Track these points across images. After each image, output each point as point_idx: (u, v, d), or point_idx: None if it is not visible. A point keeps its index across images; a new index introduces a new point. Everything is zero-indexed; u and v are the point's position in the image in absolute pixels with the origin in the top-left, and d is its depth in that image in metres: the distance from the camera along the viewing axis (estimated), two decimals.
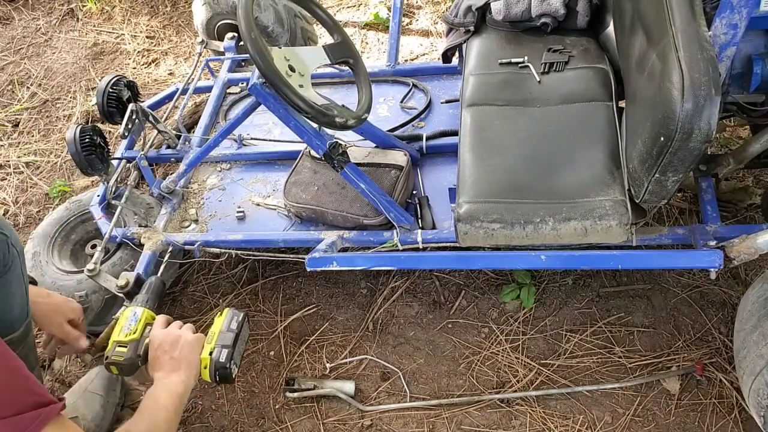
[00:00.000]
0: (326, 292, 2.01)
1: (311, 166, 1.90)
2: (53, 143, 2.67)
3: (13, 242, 1.44)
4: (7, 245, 1.42)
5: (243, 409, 1.79)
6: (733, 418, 1.61)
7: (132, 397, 1.82)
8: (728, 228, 1.60)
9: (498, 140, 1.65)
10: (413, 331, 1.89)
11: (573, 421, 1.65)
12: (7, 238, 1.42)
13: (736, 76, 1.52)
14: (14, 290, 1.45)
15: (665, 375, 1.69)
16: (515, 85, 1.78)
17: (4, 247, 1.41)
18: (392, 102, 2.20)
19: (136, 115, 1.98)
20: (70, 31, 3.25)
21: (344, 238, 1.79)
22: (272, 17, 2.41)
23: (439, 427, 1.69)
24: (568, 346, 1.79)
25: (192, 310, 2.02)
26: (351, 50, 1.78)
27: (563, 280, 1.94)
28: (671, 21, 1.26)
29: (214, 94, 2.31)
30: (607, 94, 1.70)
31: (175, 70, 2.92)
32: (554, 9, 1.82)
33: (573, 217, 1.46)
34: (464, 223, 1.51)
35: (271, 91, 1.56)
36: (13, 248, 1.44)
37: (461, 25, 1.97)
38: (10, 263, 1.43)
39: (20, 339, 1.47)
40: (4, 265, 1.42)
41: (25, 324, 1.49)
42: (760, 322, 1.38)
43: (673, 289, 1.87)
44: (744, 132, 2.16)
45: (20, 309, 1.48)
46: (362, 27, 2.98)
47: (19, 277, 1.47)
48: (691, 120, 1.17)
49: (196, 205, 2.03)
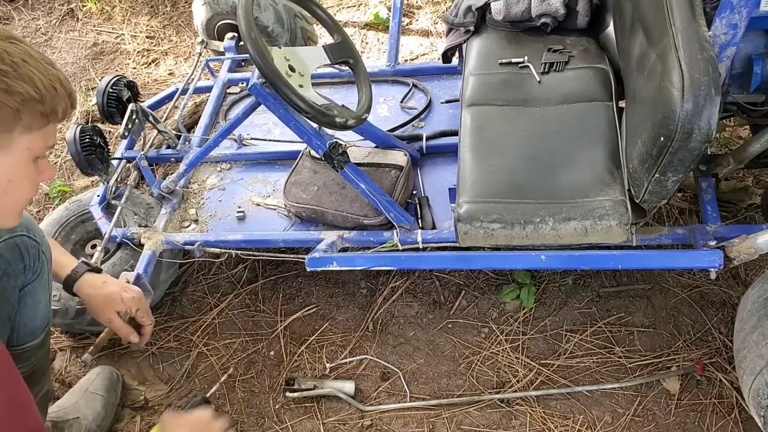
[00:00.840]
0: (326, 292, 2.01)
1: (311, 166, 1.90)
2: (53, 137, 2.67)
3: (43, 249, 1.40)
4: (38, 252, 1.38)
5: (243, 409, 1.79)
6: (733, 418, 1.61)
7: (132, 397, 1.82)
8: (728, 228, 1.60)
9: (498, 140, 1.65)
10: (413, 331, 1.89)
11: (573, 421, 1.65)
12: (39, 245, 1.38)
13: (736, 76, 1.52)
14: (40, 297, 1.42)
15: (665, 375, 1.69)
16: (515, 85, 1.78)
17: (35, 253, 1.37)
18: (392, 102, 2.20)
19: (136, 115, 1.98)
20: (70, 31, 3.25)
21: (344, 238, 1.79)
22: (272, 17, 2.41)
23: (439, 427, 1.69)
24: (568, 346, 1.79)
25: (192, 310, 2.02)
26: (351, 50, 1.78)
27: (563, 280, 1.94)
28: (671, 21, 1.26)
29: (214, 94, 2.31)
30: (607, 94, 1.70)
31: (175, 70, 2.92)
32: (554, 9, 1.82)
33: (573, 217, 1.46)
34: (464, 223, 1.51)
35: (271, 91, 1.56)
36: (44, 255, 1.41)
37: (461, 25, 1.97)
38: (39, 270, 1.40)
39: (39, 346, 1.45)
40: (34, 272, 1.38)
41: (45, 332, 1.46)
42: (760, 322, 1.38)
43: (673, 289, 1.87)
44: (744, 132, 2.16)
45: (43, 317, 1.44)
46: (362, 27, 2.98)
47: (45, 284, 1.43)
48: (691, 120, 1.17)
49: (196, 205, 2.03)
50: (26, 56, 1.00)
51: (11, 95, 0.98)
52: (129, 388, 1.85)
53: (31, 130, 1.04)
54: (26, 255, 1.34)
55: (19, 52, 1.00)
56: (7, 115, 0.99)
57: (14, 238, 1.32)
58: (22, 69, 0.99)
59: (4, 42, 0.99)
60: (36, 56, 1.02)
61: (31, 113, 1.02)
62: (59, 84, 1.05)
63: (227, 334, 1.95)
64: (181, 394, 1.83)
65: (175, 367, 1.90)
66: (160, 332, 1.96)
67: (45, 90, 1.02)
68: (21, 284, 1.36)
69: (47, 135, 1.08)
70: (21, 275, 1.35)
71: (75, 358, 1.93)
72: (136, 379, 1.87)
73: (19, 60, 0.99)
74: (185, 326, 1.98)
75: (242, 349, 1.91)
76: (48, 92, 1.02)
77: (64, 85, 1.06)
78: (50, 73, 1.04)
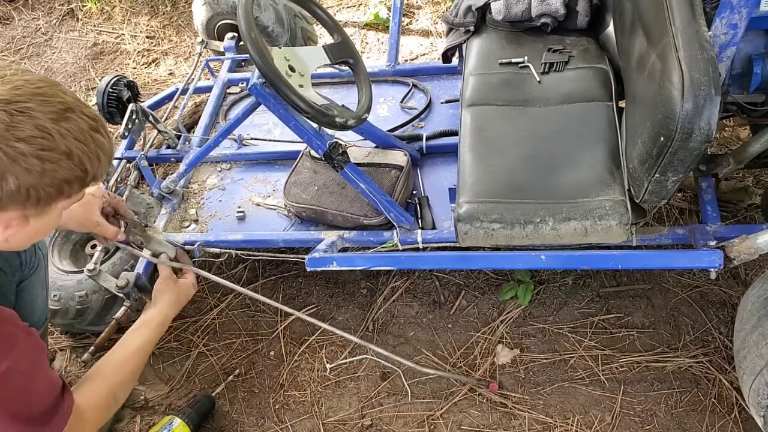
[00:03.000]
0: (326, 292, 2.01)
1: (311, 166, 1.90)
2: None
3: (39, 246, 1.43)
4: (34, 248, 1.41)
5: (243, 409, 1.79)
6: (733, 418, 1.61)
7: (132, 397, 1.82)
8: (728, 228, 1.60)
9: (498, 140, 1.65)
10: (413, 331, 1.89)
11: (573, 421, 1.65)
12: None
13: (736, 76, 1.52)
14: (37, 293, 1.44)
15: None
16: (515, 85, 1.78)
17: (32, 250, 1.40)
18: (392, 102, 2.20)
19: (136, 115, 1.98)
20: (70, 31, 3.25)
21: (344, 238, 1.79)
22: (272, 17, 2.41)
23: (439, 427, 1.69)
24: (568, 346, 1.79)
25: (192, 310, 2.02)
26: (351, 50, 1.78)
27: (563, 280, 1.94)
28: (671, 21, 1.26)
29: (214, 94, 2.31)
30: (607, 94, 1.70)
31: (175, 70, 2.92)
32: (554, 9, 1.82)
33: (573, 217, 1.46)
34: (464, 223, 1.51)
35: (271, 91, 1.56)
36: (39, 252, 1.44)
37: (461, 25, 1.97)
38: (36, 266, 1.42)
39: None
40: (31, 268, 1.41)
41: (43, 328, 1.49)
42: (760, 322, 1.38)
43: (673, 289, 1.87)
44: (744, 132, 2.16)
45: (40, 313, 1.46)
46: (362, 27, 2.98)
47: (42, 280, 1.46)
48: (691, 120, 1.17)
49: (196, 205, 2.03)
50: (78, 133, 1.01)
51: (59, 178, 1.00)
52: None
53: (69, 197, 1.06)
54: (22, 251, 1.36)
55: (72, 131, 1.00)
56: (52, 194, 1.01)
57: None
58: (73, 150, 1.00)
59: (59, 122, 0.98)
60: (86, 127, 1.02)
61: (74, 187, 1.04)
62: (102, 153, 1.06)
63: (227, 334, 1.95)
64: (181, 394, 1.83)
65: (175, 367, 1.90)
66: None
67: (90, 165, 1.03)
68: (18, 280, 1.38)
69: (81, 195, 1.11)
70: (18, 271, 1.37)
71: (75, 358, 1.93)
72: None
73: (72, 140, 0.99)
74: (185, 326, 1.98)
75: (242, 349, 1.91)
76: (92, 166, 1.04)
77: (106, 152, 1.07)
78: (97, 144, 1.04)
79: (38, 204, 1.01)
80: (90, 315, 1.85)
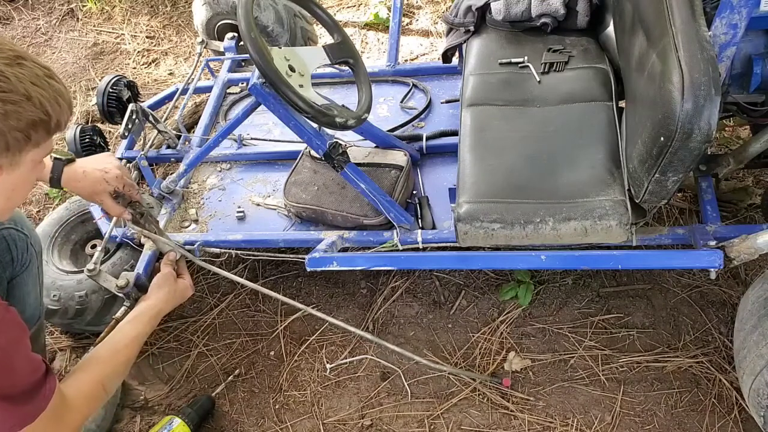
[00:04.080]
0: (326, 292, 2.01)
1: (311, 166, 1.90)
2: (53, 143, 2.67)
3: (32, 242, 1.45)
4: (26, 244, 1.42)
5: (243, 409, 1.79)
6: (733, 418, 1.61)
7: (132, 397, 1.83)
8: (728, 228, 1.60)
9: (498, 140, 1.65)
10: (413, 331, 1.89)
11: (573, 421, 1.65)
12: (27, 238, 1.43)
13: (736, 76, 1.52)
14: (29, 290, 1.45)
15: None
16: (515, 85, 1.78)
17: (23, 246, 1.41)
18: (392, 102, 2.20)
19: (136, 115, 1.98)
20: (70, 31, 3.25)
21: (344, 238, 1.79)
22: (272, 17, 2.41)
23: (439, 427, 1.69)
24: (568, 346, 1.79)
25: (192, 310, 2.02)
26: (351, 50, 1.78)
27: (563, 280, 1.94)
28: (671, 21, 1.26)
29: (214, 94, 2.31)
30: (607, 94, 1.70)
31: (175, 70, 2.92)
32: (554, 9, 1.82)
33: (573, 217, 1.46)
34: (464, 223, 1.51)
35: (271, 91, 1.56)
36: (32, 248, 1.45)
37: (461, 25, 1.97)
38: (27, 263, 1.43)
39: (31, 340, 1.46)
40: (22, 265, 1.42)
41: (37, 324, 1.49)
42: (760, 322, 1.38)
43: (673, 289, 1.87)
44: (744, 132, 2.16)
45: (33, 309, 1.47)
46: (362, 27, 2.98)
47: (35, 277, 1.47)
48: (691, 120, 1.17)
49: (196, 205, 2.03)
50: (34, 78, 1.04)
51: (23, 121, 1.02)
52: (129, 388, 1.85)
53: (38, 146, 1.08)
54: (14, 247, 1.39)
55: (27, 75, 1.03)
56: (19, 140, 1.04)
57: (2, 231, 1.36)
58: (32, 93, 1.03)
59: (13, 66, 1.01)
60: (40, 74, 1.05)
61: (40, 132, 1.06)
62: (61, 98, 1.09)
63: (227, 334, 1.95)
64: (181, 394, 1.83)
65: (175, 367, 1.90)
66: (160, 332, 1.96)
67: (51, 109, 1.06)
68: (9, 276, 1.39)
69: (49, 145, 1.13)
70: (9, 267, 1.39)
71: (75, 358, 1.93)
72: (135, 379, 1.87)
73: (29, 84, 1.02)
74: (185, 326, 1.98)
75: (242, 349, 1.91)
76: (53, 110, 1.07)
77: (65, 98, 1.10)
78: (54, 89, 1.07)
79: (8, 150, 1.03)
80: (89, 315, 1.85)
